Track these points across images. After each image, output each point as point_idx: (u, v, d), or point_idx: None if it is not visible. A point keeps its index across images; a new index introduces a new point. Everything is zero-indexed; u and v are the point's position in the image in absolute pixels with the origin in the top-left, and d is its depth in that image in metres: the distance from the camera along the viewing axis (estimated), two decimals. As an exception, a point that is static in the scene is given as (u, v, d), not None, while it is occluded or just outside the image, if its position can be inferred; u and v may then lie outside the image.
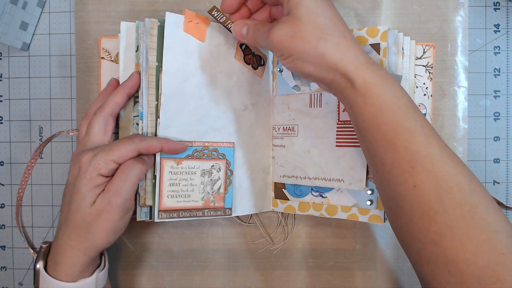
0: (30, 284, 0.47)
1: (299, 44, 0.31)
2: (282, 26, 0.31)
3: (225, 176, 0.41)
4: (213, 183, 0.40)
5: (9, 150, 0.48)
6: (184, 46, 0.38)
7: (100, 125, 0.37)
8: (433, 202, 0.28)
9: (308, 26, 0.30)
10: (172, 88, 0.38)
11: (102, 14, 0.45)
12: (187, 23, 0.38)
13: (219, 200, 0.41)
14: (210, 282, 0.46)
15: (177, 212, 0.38)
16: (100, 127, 0.37)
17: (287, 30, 0.31)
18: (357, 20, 0.45)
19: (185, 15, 0.38)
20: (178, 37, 0.38)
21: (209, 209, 0.40)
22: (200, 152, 0.39)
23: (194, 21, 0.39)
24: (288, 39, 0.31)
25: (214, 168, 0.40)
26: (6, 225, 0.48)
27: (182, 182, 0.38)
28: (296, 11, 0.31)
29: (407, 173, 0.29)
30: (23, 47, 0.46)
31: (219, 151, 0.41)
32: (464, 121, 0.44)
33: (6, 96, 0.47)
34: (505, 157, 0.46)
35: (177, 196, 0.38)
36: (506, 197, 0.46)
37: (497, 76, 0.46)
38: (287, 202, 0.44)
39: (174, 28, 0.38)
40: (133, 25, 0.40)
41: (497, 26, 0.46)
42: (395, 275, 0.45)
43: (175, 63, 0.38)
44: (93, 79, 0.45)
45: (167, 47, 0.37)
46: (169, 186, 0.38)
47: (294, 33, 0.31)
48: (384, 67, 0.39)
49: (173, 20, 0.37)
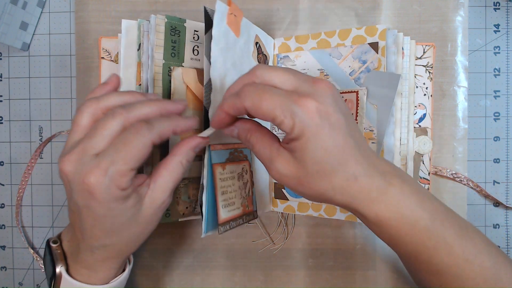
0: (30, 284, 0.48)
1: (306, 190, 0.28)
2: (285, 167, 0.28)
3: (250, 178, 0.39)
4: (245, 186, 0.38)
5: (9, 150, 0.48)
6: (225, 39, 0.35)
7: (111, 127, 0.28)
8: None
9: (314, 175, 0.27)
10: (217, 84, 0.35)
11: (102, 14, 0.45)
12: (229, 15, 0.35)
13: (250, 204, 0.38)
14: (210, 282, 0.46)
15: (229, 223, 0.35)
16: (111, 128, 0.28)
17: (292, 174, 0.28)
18: (357, 20, 0.45)
19: (230, 6, 0.34)
20: (222, 29, 0.34)
21: (246, 215, 0.37)
22: (233, 155, 0.37)
23: (235, 13, 0.35)
24: (294, 184, 0.28)
25: (243, 170, 0.38)
26: (6, 225, 0.48)
27: (228, 189, 0.35)
28: (301, 156, 0.27)
29: (433, 276, 0.31)
30: (23, 47, 0.46)
31: (243, 152, 0.39)
32: (464, 121, 0.44)
33: (6, 96, 0.47)
34: (505, 157, 0.46)
35: (227, 205, 0.35)
36: (506, 197, 0.46)
37: (497, 76, 0.46)
38: (286, 202, 0.44)
39: (221, 19, 0.34)
40: (134, 23, 0.40)
41: (497, 26, 0.46)
42: (395, 275, 0.45)
43: (220, 57, 0.35)
44: (93, 79, 0.45)
45: (216, 39, 0.33)
46: (221, 195, 0.34)
47: (300, 180, 0.28)
48: (383, 66, 0.39)
49: (222, 10, 0.34)
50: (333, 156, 0.27)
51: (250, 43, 0.40)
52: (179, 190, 0.40)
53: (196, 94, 0.40)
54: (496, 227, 0.46)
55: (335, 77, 0.41)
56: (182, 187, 0.40)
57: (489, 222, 0.46)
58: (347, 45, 0.41)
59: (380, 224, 0.29)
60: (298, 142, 0.26)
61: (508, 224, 0.46)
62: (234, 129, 0.31)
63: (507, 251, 0.46)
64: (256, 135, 0.30)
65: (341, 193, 0.28)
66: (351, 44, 0.41)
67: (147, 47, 0.38)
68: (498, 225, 0.46)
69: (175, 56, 0.39)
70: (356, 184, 0.28)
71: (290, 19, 0.45)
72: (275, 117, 0.26)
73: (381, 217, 0.29)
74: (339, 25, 0.45)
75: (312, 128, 0.26)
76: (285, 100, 0.26)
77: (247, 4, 0.45)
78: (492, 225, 0.46)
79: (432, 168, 0.44)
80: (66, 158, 0.28)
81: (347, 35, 0.41)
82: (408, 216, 0.29)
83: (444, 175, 0.44)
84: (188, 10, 0.45)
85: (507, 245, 0.46)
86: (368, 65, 0.40)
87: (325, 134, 0.26)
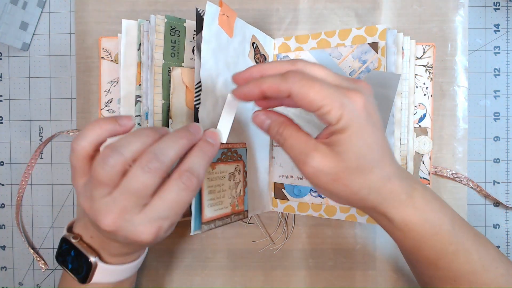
0: (30, 284, 0.48)
1: (340, 188, 0.27)
2: (323, 161, 0.27)
3: (243, 178, 0.39)
4: (236, 186, 0.38)
5: (9, 150, 0.48)
6: (217, 40, 0.35)
7: (152, 184, 0.27)
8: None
9: (353, 171, 0.27)
10: (208, 84, 0.35)
11: (102, 14, 0.45)
12: (221, 16, 0.35)
13: (241, 203, 0.38)
14: (210, 282, 0.46)
15: (214, 222, 0.35)
16: (151, 185, 0.27)
17: (329, 170, 0.27)
18: (357, 20, 0.45)
19: (222, 7, 0.35)
20: (214, 29, 0.35)
21: (235, 214, 0.38)
22: (225, 155, 0.37)
23: (227, 14, 0.36)
24: (328, 181, 0.27)
25: (236, 170, 0.38)
26: (6, 225, 0.48)
27: (216, 189, 0.36)
28: (343, 149, 0.26)
29: (449, 284, 0.31)
30: (23, 47, 0.46)
31: (237, 152, 0.39)
32: (464, 121, 0.44)
33: (6, 96, 0.47)
34: (505, 157, 0.46)
35: (213, 204, 0.35)
36: (506, 197, 0.46)
37: (497, 76, 0.46)
38: (286, 202, 0.44)
39: (212, 19, 0.34)
40: (134, 23, 0.40)
41: (497, 26, 0.46)
42: (395, 275, 0.45)
43: (211, 58, 0.35)
44: (93, 79, 0.45)
45: (206, 39, 0.34)
46: (208, 195, 0.35)
47: (337, 176, 0.27)
48: (383, 66, 0.39)
49: (212, 11, 0.34)
50: (374, 153, 0.27)
51: (246, 43, 0.40)
52: None
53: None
54: (496, 227, 0.46)
55: (335, 77, 0.41)
56: None
57: (489, 222, 0.46)
58: (347, 45, 0.41)
59: (406, 228, 0.29)
60: (342, 136, 0.26)
61: (508, 224, 0.46)
62: (266, 120, 0.30)
63: (507, 251, 0.46)
64: (290, 129, 0.29)
65: (375, 192, 0.28)
66: (351, 44, 0.41)
67: (147, 47, 0.38)
68: (498, 225, 0.46)
69: (174, 56, 0.39)
70: (389, 184, 0.28)
71: (290, 19, 0.45)
72: (322, 106, 0.25)
73: (408, 221, 0.29)
74: (339, 25, 0.45)
75: (359, 122, 0.26)
76: (335, 91, 0.26)
77: (246, 4, 0.45)
78: (492, 225, 0.46)
79: (432, 168, 0.44)
80: (107, 214, 0.27)
81: (347, 35, 0.41)
82: (432, 221, 0.29)
83: (444, 175, 0.44)
84: (188, 10, 0.45)
85: (507, 245, 0.46)
86: (368, 65, 0.40)
87: (370, 130, 0.26)
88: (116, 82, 0.44)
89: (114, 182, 0.27)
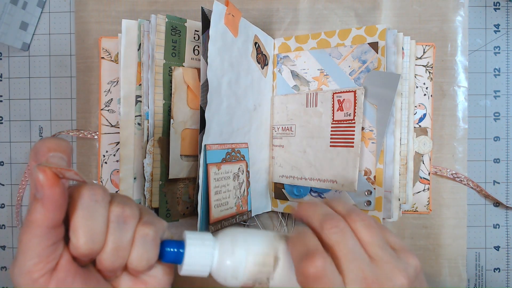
0: (30, 284, 0.47)
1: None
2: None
3: (246, 178, 0.39)
4: (240, 186, 0.38)
5: (9, 150, 0.48)
6: (223, 39, 0.35)
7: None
8: None
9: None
10: (214, 84, 0.35)
11: (102, 14, 0.45)
12: (227, 15, 0.35)
13: (245, 204, 0.38)
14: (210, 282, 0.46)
15: (220, 222, 0.35)
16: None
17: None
18: (357, 20, 0.45)
19: (228, 7, 0.34)
20: (220, 29, 0.34)
21: (239, 214, 0.37)
22: (229, 155, 0.37)
23: (232, 13, 0.35)
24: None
25: (239, 170, 0.38)
26: (6, 225, 0.48)
27: (222, 189, 0.35)
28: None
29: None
30: (23, 47, 0.46)
31: (241, 153, 0.39)
32: (464, 121, 0.44)
33: (6, 96, 0.47)
34: (505, 157, 0.46)
35: (220, 205, 0.35)
36: (506, 197, 0.46)
37: (497, 76, 0.46)
38: (286, 202, 0.44)
39: (218, 19, 0.34)
40: (134, 23, 0.40)
41: (497, 26, 0.46)
42: (395, 275, 0.45)
43: (217, 57, 0.35)
44: (93, 79, 0.45)
45: (213, 39, 0.33)
46: (215, 195, 0.34)
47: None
48: (383, 66, 0.39)
49: (219, 11, 0.34)
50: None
51: (249, 43, 0.40)
52: (180, 191, 0.40)
53: (196, 94, 0.40)
54: (496, 227, 0.46)
55: (335, 77, 0.41)
56: (183, 187, 0.40)
57: (489, 222, 0.46)
58: (347, 45, 0.41)
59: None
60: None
61: (508, 224, 0.46)
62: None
63: (507, 251, 0.46)
64: None
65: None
66: (351, 44, 0.41)
67: (147, 47, 0.38)
68: (498, 225, 0.46)
69: (175, 56, 0.39)
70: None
71: (290, 19, 0.45)
72: None
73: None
74: (339, 25, 0.45)
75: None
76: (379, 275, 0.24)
77: (247, 4, 0.45)
78: (492, 225, 0.46)
79: (432, 168, 0.44)
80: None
81: (347, 35, 0.41)
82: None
83: (444, 175, 0.44)
84: (189, 10, 0.45)
85: (507, 245, 0.46)
86: (368, 65, 0.40)
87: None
88: (116, 82, 0.44)
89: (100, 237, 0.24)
